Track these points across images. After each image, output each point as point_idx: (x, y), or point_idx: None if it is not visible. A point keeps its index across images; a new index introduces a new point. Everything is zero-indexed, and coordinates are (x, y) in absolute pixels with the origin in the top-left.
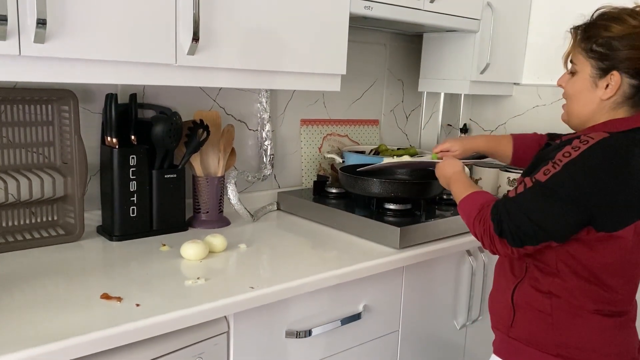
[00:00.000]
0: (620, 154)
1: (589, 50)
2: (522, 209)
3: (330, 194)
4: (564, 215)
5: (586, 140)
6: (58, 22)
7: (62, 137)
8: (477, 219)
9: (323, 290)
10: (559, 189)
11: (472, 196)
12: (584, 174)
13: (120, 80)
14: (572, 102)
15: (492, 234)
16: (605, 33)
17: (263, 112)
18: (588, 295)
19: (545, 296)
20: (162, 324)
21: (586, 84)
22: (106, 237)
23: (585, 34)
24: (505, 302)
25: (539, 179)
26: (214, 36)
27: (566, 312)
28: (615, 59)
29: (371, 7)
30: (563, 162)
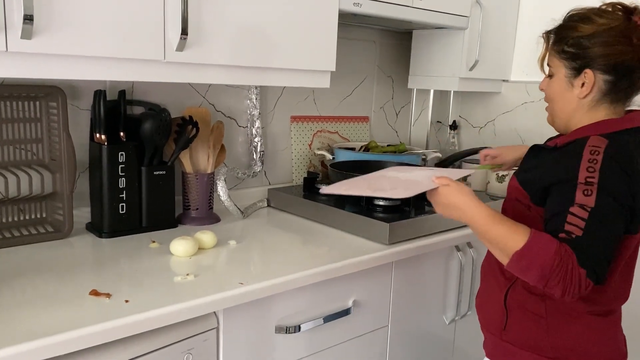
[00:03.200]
0: (626, 157)
1: (561, 51)
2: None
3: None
4: (621, 229)
5: (596, 150)
6: (45, 18)
7: (50, 133)
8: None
9: (313, 286)
10: (612, 206)
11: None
12: (617, 183)
13: (108, 77)
14: (553, 104)
15: (586, 281)
16: (575, 33)
17: (253, 108)
18: (583, 296)
19: (540, 298)
20: (151, 319)
21: (562, 84)
22: (95, 234)
23: (556, 36)
24: (498, 305)
25: (588, 204)
26: (203, 32)
27: (561, 314)
28: (587, 57)
29: (360, 4)
30: (595, 177)
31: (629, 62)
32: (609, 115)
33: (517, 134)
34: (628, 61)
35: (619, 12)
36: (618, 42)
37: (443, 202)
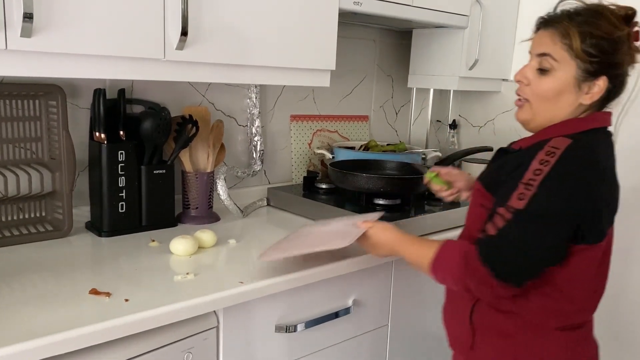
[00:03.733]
0: (590, 160)
1: (579, 49)
2: (514, 246)
3: (320, 189)
4: (555, 238)
5: (552, 151)
6: (45, 16)
7: (49, 132)
8: (466, 273)
9: (313, 285)
10: (543, 212)
11: (444, 252)
12: (562, 189)
13: (108, 75)
14: (545, 103)
15: (492, 281)
16: (596, 32)
17: (253, 107)
18: (552, 311)
19: (507, 316)
20: (151, 318)
21: (568, 85)
22: (95, 233)
23: (569, 29)
24: (463, 323)
25: (516, 206)
26: (203, 31)
27: (530, 332)
28: (606, 63)
29: (360, 2)
30: (537, 180)
31: (624, 72)
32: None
33: (517, 133)
34: (625, 72)
35: (622, 17)
36: (625, 52)
37: (372, 244)
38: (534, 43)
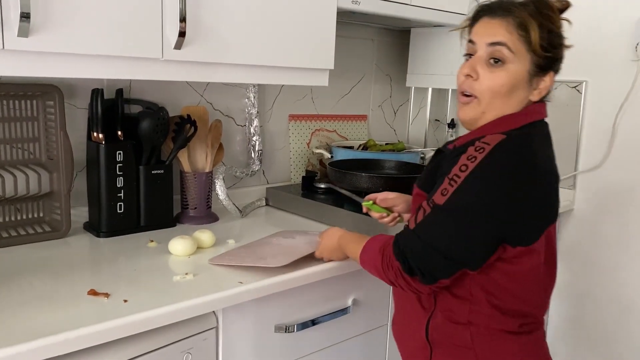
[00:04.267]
0: (523, 156)
1: (536, 42)
2: (425, 240)
3: (319, 189)
4: (473, 238)
5: (481, 147)
6: (42, 15)
7: (47, 132)
8: (384, 265)
9: (312, 285)
10: (463, 209)
11: (368, 244)
12: (487, 186)
13: (106, 75)
14: (498, 99)
15: (403, 273)
16: (550, 26)
17: (251, 107)
18: (507, 315)
19: (465, 327)
20: (150, 319)
21: (522, 80)
22: (93, 233)
23: (532, 19)
24: (419, 339)
25: (437, 201)
26: (202, 30)
27: (488, 340)
28: (554, 58)
29: (358, 1)
30: (461, 177)
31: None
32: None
33: None
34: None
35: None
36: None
37: (327, 253)
38: (479, 32)
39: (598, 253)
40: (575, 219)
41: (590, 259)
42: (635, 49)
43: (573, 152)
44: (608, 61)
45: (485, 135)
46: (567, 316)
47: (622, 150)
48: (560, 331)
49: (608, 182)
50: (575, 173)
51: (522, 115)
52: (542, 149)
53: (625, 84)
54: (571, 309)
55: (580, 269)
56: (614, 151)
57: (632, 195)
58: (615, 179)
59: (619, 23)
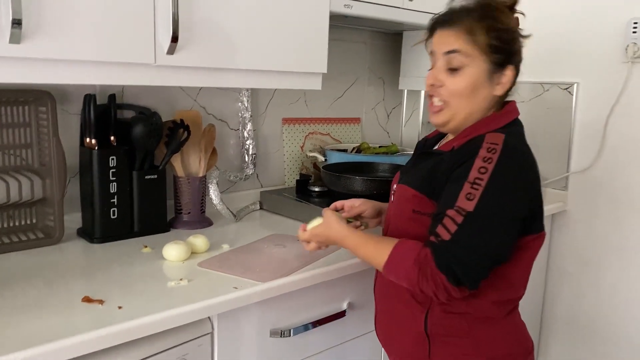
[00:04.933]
0: (525, 152)
1: (486, 43)
2: (470, 249)
3: (313, 192)
4: (508, 234)
5: (493, 148)
6: (34, 22)
7: (40, 138)
8: (421, 278)
9: (307, 289)
10: (494, 211)
11: (397, 255)
12: (510, 185)
13: (99, 81)
14: (463, 101)
15: (448, 285)
16: (497, 25)
17: (244, 111)
18: (502, 302)
19: (462, 317)
20: (144, 326)
21: (481, 79)
22: (87, 239)
23: (473, 24)
24: (415, 333)
25: (466, 208)
26: (194, 35)
27: (483, 327)
28: (510, 52)
29: (351, 5)
30: (484, 179)
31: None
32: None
33: None
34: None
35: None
36: (519, 38)
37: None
38: (436, 43)
39: (591, 253)
40: (568, 220)
41: (583, 259)
42: (626, 50)
43: (565, 153)
44: (599, 63)
45: (484, 135)
46: (561, 316)
47: (613, 151)
48: (555, 331)
49: (600, 182)
50: (568, 174)
51: (507, 114)
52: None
53: (616, 86)
54: (565, 309)
55: (574, 269)
56: (606, 152)
57: (624, 195)
58: (607, 179)
59: (610, 25)
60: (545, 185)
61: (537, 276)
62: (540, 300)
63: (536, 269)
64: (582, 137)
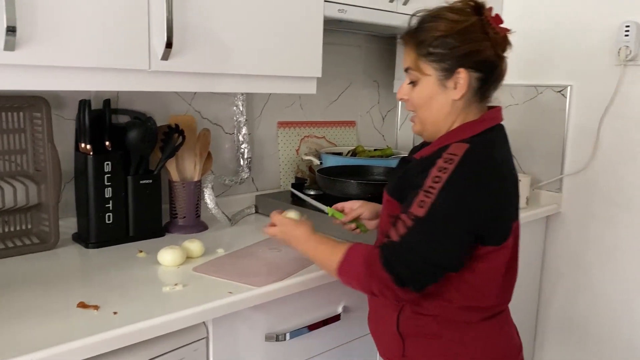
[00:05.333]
0: (488, 163)
1: (427, 54)
2: (414, 252)
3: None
4: (454, 244)
5: (450, 158)
6: (28, 29)
7: (34, 144)
8: (369, 277)
9: (302, 293)
10: (442, 219)
11: (350, 255)
12: (461, 196)
13: (93, 87)
14: (424, 111)
15: (393, 286)
16: (436, 33)
17: (239, 115)
18: (473, 309)
19: (432, 319)
20: (140, 331)
21: (434, 88)
22: (82, 244)
23: (416, 39)
24: (391, 333)
25: (416, 213)
26: (188, 41)
27: (455, 330)
28: (457, 56)
29: (345, 10)
30: (436, 188)
31: (492, 58)
32: (478, 113)
33: None
34: (491, 57)
35: (469, 9)
36: (480, 38)
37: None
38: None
39: (585, 255)
40: (562, 222)
41: (578, 261)
42: (618, 53)
43: (559, 155)
44: (592, 66)
45: (450, 145)
46: (556, 317)
47: (607, 153)
48: (550, 332)
49: (594, 184)
50: (562, 176)
51: (481, 123)
52: (502, 152)
53: (609, 88)
54: (560, 310)
55: (568, 270)
56: (599, 154)
57: (618, 197)
58: (601, 181)
59: (603, 29)
60: (539, 188)
61: (532, 278)
62: (535, 301)
63: (531, 270)
64: (576, 140)
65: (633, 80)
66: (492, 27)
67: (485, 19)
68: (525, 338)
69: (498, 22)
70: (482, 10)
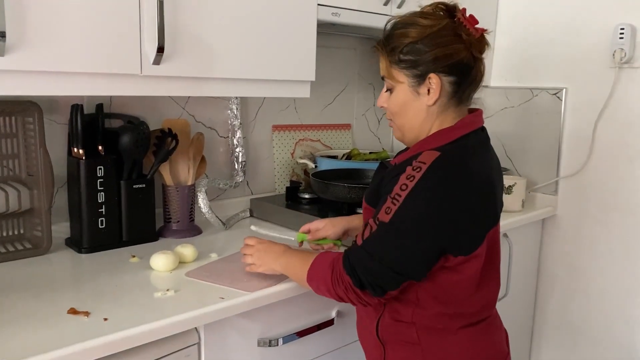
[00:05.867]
0: (457, 171)
1: (398, 61)
2: (373, 255)
3: (303, 199)
4: (415, 252)
5: (418, 167)
6: (18, 34)
7: (27, 149)
8: (334, 282)
9: (295, 298)
10: (405, 226)
11: (317, 261)
12: (426, 204)
13: (85, 92)
14: (401, 118)
15: (355, 288)
16: (406, 40)
17: (234, 119)
18: (451, 317)
19: (410, 326)
20: (130, 338)
21: (408, 95)
22: (75, 249)
23: (388, 47)
24: (373, 339)
25: (382, 219)
26: (180, 46)
27: (434, 337)
28: (427, 62)
29: (338, 13)
30: (402, 196)
31: (466, 60)
32: (456, 117)
33: (498, 139)
34: (465, 59)
35: (441, 12)
36: (452, 42)
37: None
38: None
39: (581, 257)
40: (558, 225)
41: (574, 264)
42: (613, 56)
43: (554, 158)
44: (587, 68)
45: (422, 153)
46: (552, 320)
47: (602, 155)
48: (546, 335)
49: (589, 187)
50: (557, 179)
51: (457, 129)
52: (477, 159)
53: (604, 91)
54: (556, 312)
55: (564, 273)
56: (594, 156)
57: (613, 199)
58: (597, 183)
59: (597, 31)
60: (535, 190)
61: (528, 280)
62: (531, 303)
63: (527, 273)
64: (571, 142)
65: (628, 83)
66: (465, 28)
67: (458, 20)
68: (522, 340)
69: (473, 23)
70: (455, 12)
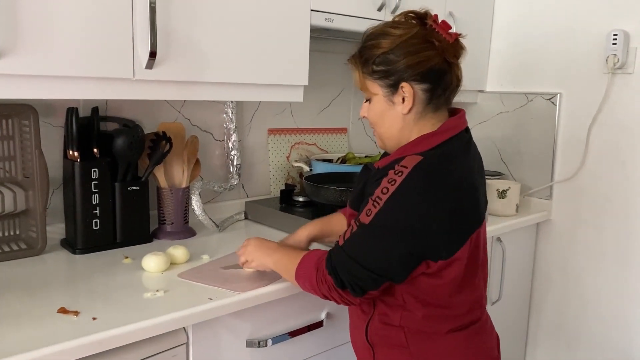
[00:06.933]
0: (438, 176)
1: (372, 72)
2: (352, 256)
3: (298, 202)
4: (393, 255)
5: (400, 170)
6: (12, 39)
7: (23, 151)
8: (318, 281)
9: (284, 299)
10: (384, 229)
11: (305, 259)
12: (405, 209)
13: (78, 96)
14: (380, 127)
15: (337, 288)
16: (378, 51)
17: (229, 122)
18: (438, 320)
19: (398, 329)
20: (117, 337)
21: (383, 105)
22: (69, 250)
23: (361, 59)
24: (362, 341)
25: (363, 221)
26: (172, 50)
27: (422, 340)
28: (398, 71)
29: (332, 19)
30: (383, 199)
31: (438, 66)
32: (436, 122)
33: (493, 143)
34: (437, 65)
35: (412, 21)
36: (422, 49)
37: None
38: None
39: (575, 261)
40: (553, 229)
41: (568, 268)
42: (606, 62)
43: (549, 162)
44: (581, 74)
45: (404, 157)
46: (546, 324)
47: (596, 160)
48: (541, 338)
49: (583, 191)
50: (552, 183)
51: (439, 134)
52: (458, 163)
53: (597, 96)
54: (551, 316)
55: (559, 277)
56: (589, 161)
57: (607, 203)
58: (591, 188)
59: (591, 37)
60: (529, 195)
61: (523, 284)
62: (526, 307)
63: (522, 277)
64: (565, 147)
65: (621, 88)
66: (437, 34)
67: (430, 27)
68: (516, 344)
69: (445, 28)
70: (426, 19)
